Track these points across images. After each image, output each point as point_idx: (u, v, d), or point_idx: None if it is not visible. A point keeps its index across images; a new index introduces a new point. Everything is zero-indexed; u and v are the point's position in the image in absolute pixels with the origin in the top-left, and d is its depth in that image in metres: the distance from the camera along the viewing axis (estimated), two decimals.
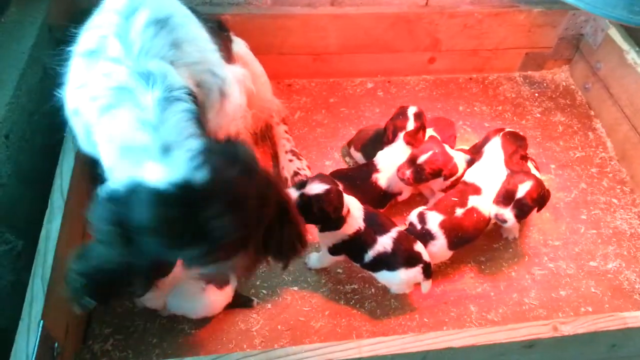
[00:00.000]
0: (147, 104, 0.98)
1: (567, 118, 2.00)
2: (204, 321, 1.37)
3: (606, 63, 1.95)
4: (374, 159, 1.61)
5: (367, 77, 2.06)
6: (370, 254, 1.37)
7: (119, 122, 0.99)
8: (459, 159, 1.58)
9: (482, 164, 1.59)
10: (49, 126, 1.43)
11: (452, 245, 1.45)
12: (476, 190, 1.50)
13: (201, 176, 0.86)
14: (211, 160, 0.89)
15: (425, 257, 1.39)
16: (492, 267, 1.55)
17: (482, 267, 1.55)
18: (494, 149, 1.58)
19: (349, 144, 1.76)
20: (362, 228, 1.37)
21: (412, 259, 1.38)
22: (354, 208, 1.39)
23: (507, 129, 1.63)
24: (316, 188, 1.32)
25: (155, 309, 1.36)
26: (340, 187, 1.50)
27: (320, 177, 1.37)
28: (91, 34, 1.13)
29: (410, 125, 1.61)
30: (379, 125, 1.73)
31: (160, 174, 0.87)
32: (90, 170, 1.37)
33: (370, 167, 1.59)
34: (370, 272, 1.43)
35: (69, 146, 1.37)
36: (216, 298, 1.34)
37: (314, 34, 1.91)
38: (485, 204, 1.48)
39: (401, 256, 1.36)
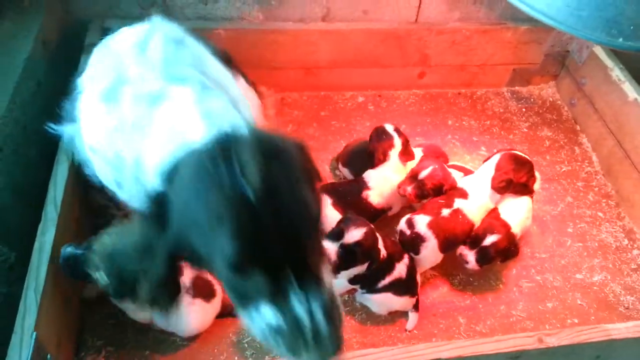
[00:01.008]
0: (187, 99, 0.99)
1: (554, 133, 2.04)
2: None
3: (591, 79, 2.00)
4: (364, 176, 1.63)
5: (358, 91, 2.09)
6: (386, 280, 1.39)
7: (164, 124, 0.98)
8: (455, 175, 1.62)
9: (475, 174, 1.63)
10: (42, 139, 1.44)
11: (442, 246, 1.47)
12: (463, 195, 1.54)
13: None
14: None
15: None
16: (481, 280, 1.58)
17: (471, 279, 1.58)
18: (490, 166, 1.60)
19: (337, 159, 1.79)
20: (385, 255, 1.39)
21: (414, 289, 1.43)
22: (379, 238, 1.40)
23: (514, 151, 1.61)
24: (355, 235, 1.32)
25: (144, 323, 1.37)
26: (330, 201, 1.53)
27: (353, 221, 1.36)
28: (100, 72, 1.14)
29: (397, 141, 1.64)
30: (365, 139, 1.75)
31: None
32: (84, 183, 1.39)
33: (360, 184, 1.60)
34: (363, 293, 1.45)
35: (63, 158, 1.38)
36: (205, 312, 1.35)
37: (305, 49, 1.94)
38: (470, 209, 1.51)
39: (411, 283, 1.42)
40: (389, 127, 1.67)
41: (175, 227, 0.86)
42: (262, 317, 0.83)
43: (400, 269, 1.41)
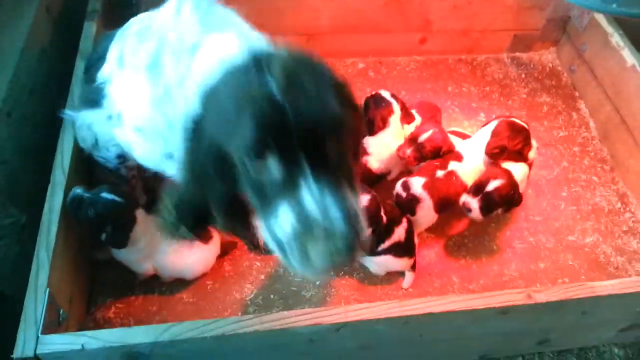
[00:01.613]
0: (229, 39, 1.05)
1: (552, 99, 2.06)
2: (201, 290, 1.45)
3: (592, 45, 2.00)
4: (363, 142, 1.65)
5: (358, 57, 2.11)
6: (387, 244, 1.43)
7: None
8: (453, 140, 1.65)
9: (472, 139, 1.66)
10: (47, 103, 1.48)
11: (437, 206, 1.51)
12: (458, 157, 1.58)
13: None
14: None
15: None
16: (475, 241, 1.63)
17: (465, 240, 1.63)
18: (486, 131, 1.62)
19: None
20: (385, 220, 1.42)
21: (412, 250, 1.49)
22: None
23: (512, 118, 1.63)
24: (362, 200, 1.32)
25: (149, 274, 1.42)
26: None
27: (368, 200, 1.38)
28: (139, 50, 1.17)
29: (396, 107, 1.67)
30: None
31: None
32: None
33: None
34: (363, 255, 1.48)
35: (69, 124, 1.42)
36: (205, 254, 1.42)
37: (306, 14, 1.94)
38: (464, 171, 1.55)
39: (409, 245, 1.47)
40: (386, 94, 1.69)
41: (209, 134, 0.90)
42: (280, 224, 0.85)
43: (399, 233, 1.45)
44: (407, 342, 1.28)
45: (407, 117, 1.70)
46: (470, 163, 1.57)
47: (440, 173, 1.54)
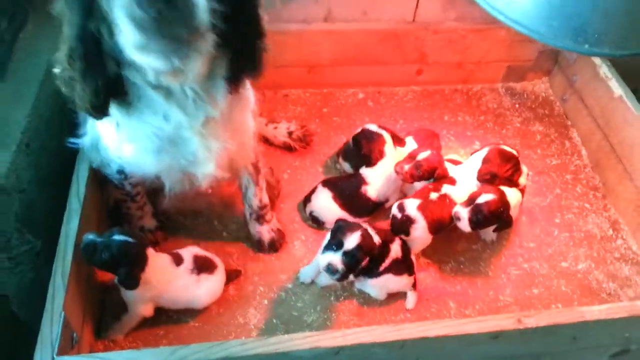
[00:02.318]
0: None
1: (545, 127, 2.13)
2: (207, 315, 1.51)
3: (582, 76, 2.09)
4: (361, 171, 1.74)
5: (358, 87, 2.20)
6: (386, 262, 1.49)
7: None
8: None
9: (464, 164, 1.74)
10: (64, 133, 1.56)
11: (431, 228, 1.57)
12: (451, 181, 1.66)
13: None
14: None
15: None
16: (471, 267, 1.68)
17: (462, 266, 1.69)
18: (478, 158, 1.71)
19: (337, 155, 1.90)
20: (380, 242, 1.47)
21: (411, 268, 1.55)
22: (370, 229, 1.47)
23: (502, 146, 1.71)
24: (354, 240, 1.39)
25: (146, 316, 1.45)
26: (331, 195, 1.65)
27: (347, 227, 1.43)
28: None
29: (387, 137, 1.76)
30: None
31: None
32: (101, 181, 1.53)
33: (359, 179, 1.72)
34: (364, 280, 1.54)
35: (84, 154, 1.50)
36: (213, 284, 1.48)
37: (308, 48, 2.04)
38: (457, 195, 1.62)
39: (407, 262, 1.53)
40: (373, 127, 1.78)
41: None
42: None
43: (395, 250, 1.51)
44: None
45: (398, 142, 1.79)
46: (463, 187, 1.65)
47: (434, 195, 1.61)
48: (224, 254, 1.65)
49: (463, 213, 1.55)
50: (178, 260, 1.46)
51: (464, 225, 1.55)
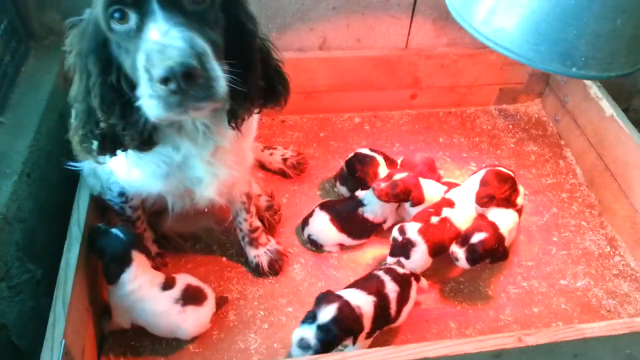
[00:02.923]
0: None
1: (539, 147, 2.17)
2: (207, 341, 1.51)
3: (573, 97, 2.13)
4: (358, 194, 1.76)
5: (354, 112, 2.24)
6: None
7: None
8: (435, 189, 1.75)
9: (462, 187, 1.76)
10: (63, 165, 1.59)
11: (432, 251, 1.58)
12: (450, 204, 1.67)
13: None
14: None
15: None
16: (470, 287, 1.69)
17: (461, 287, 1.69)
18: (475, 180, 1.72)
19: (335, 179, 1.92)
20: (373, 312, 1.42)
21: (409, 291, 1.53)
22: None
23: (498, 168, 1.74)
24: (329, 312, 1.34)
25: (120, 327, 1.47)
26: (329, 217, 1.66)
27: (325, 299, 1.39)
28: None
29: (380, 159, 1.79)
30: None
31: None
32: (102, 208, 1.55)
33: (356, 201, 1.74)
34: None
35: (84, 184, 1.52)
36: (198, 316, 1.47)
37: (304, 75, 2.09)
38: (457, 217, 1.64)
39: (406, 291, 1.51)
40: (366, 150, 1.82)
41: (92, 18, 1.05)
42: (137, 63, 0.96)
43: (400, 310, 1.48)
44: None
45: (390, 164, 1.81)
46: (462, 210, 1.66)
47: (434, 219, 1.63)
48: (223, 279, 1.66)
49: (460, 253, 1.58)
50: (168, 285, 1.46)
51: (463, 264, 1.59)
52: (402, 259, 1.59)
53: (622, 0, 1.02)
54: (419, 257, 1.58)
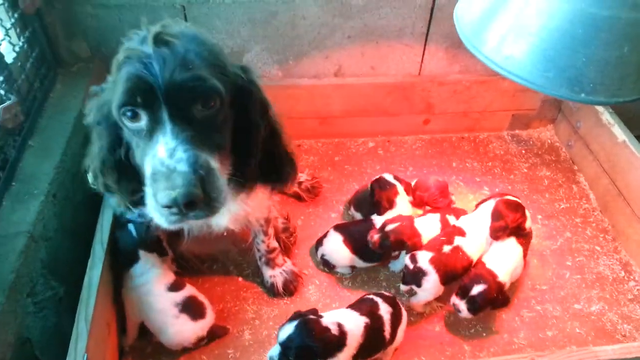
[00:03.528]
0: None
1: (552, 172, 2.18)
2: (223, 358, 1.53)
3: (585, 123, 2.16)
4: (373, 218, 1.78)
5: (368, 137, 2.28)
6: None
7: None
8: (432, 227, 1.75)
9: (473, 215, 1.78)
10: (87, 186, 1.64)
11: (443, 279, 1.59)
12: (461, 233, 1.69)
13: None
14: None
15: None
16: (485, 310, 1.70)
17: None
18: (486, 211, 1.74)
19: (349, 203, 1.96)
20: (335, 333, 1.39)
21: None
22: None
23: (507, 197, 1.76)
24: (287, 330, 1.35)
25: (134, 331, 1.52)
26: (341, 238, 1.69)
27: (293, 316, 1.40)
28: None
29: (400, 188, 1.82)
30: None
31: None
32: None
33: (369, 225, 1.76)
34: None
35: (108, 203, 1.57)
36: (186, 328, 1.49)
37: (320, 101, 2.15)
38: (468, 246, 1.65)
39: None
40: (389, 177, 1.85)
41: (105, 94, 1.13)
42: (145, 171, 1.03)
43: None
44: None
45: (412, 194, 1.84)
46: (474, 239, 1.68)
47: (446, 248, 1.64)
48: (239, 299, 1.69)
49: (461, 305, 1.57)
50: (174, 288, 1.52)
51: (465, 315, 1.58)
52: (414, 287, 1.60)
53: (629, 29, 1.07)
54: (431, 286, 1.60)
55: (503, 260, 1.64)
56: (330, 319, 1.41)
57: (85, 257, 1.46)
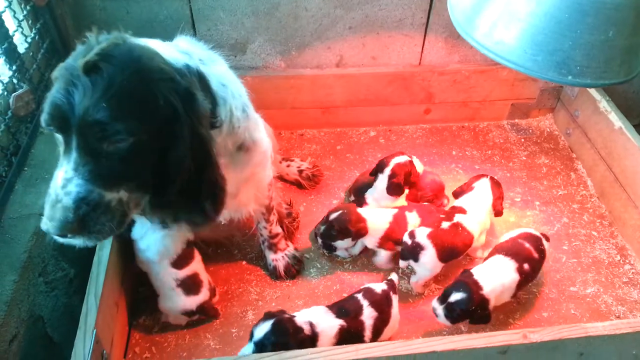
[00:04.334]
0: None
1: (551, 160, 2.22)
2: (227, 338, 1.59)
3: (583, 111, 2.19)
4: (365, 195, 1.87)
5: (370, 126, 2.33)
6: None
7: None
8: (382, 217, 1.77)
9: (472, 194, 1.82)
10: None
11: (441, 255, 1.64)
12: (462, 211, 1.74)
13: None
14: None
15: None
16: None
17: None
18: (483, 187, 1.81)
19: (349, 191, 2.02)
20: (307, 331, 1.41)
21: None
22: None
23: (490, 176, 1.85)
24: (263, 329, 1.37)
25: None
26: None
27: (267, 315, 1.42)
28: None
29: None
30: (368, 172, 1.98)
31: None
32: None
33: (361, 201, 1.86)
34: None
35: None
36: (178, 300, 1.56)
37: (322, 91, 2.20)
38: (469, 223, 1.70)
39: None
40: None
41: None
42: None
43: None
44: None
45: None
46: (474, 214, 1.73)
47: (445, 224, 1.69)
48: (243, 281, 1.74)
49: (439, 310, 1.53)
50: (177, 265, 1.56)
51: (443, 320, 1.53)
52: (412, 262, 1.65)
53: (613, 13, 1.11)
54: (428, 260, 1.64)
55: (493, 275, 1.57)
56: (302, 318, 1.42)
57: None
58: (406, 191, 1.90)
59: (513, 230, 1.78)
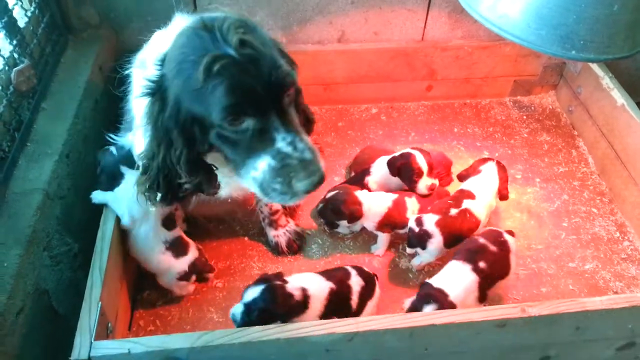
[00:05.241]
0: None
1: (552, 137, 2.22)
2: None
3: (586, 88, 2.18)
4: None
5: (371, 103, 2.32)
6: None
7: None
8: (380, 200, 1.76)
9: (479, 178, 1.81)
10: (99, 147, 1.71)
11: (447, 242, 1.64)
12: (470, 196, 1.73)
13: None
14: None
15: None
16: None
17: None
18: (491, 171, 1.81)
19: (350, 168, 2.03)
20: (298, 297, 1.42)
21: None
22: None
23: (496, 159, 1.84)
24: (253, 293, 1.38)
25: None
26: None
27: (261, 278, 1.44)
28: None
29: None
30: (371, 147, 2.01)
31: None
32: None
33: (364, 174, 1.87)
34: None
35: None
36: (171, 262, 1.58)
37: (323, 67, 2.18)
38: (477, 207, 1.69)
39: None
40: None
41: (173, 97, 1.10)
42: (259, 166, 1.09)
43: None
44: (415, 356, 1.41)
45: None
46: (481, 199, 1.73)
47: (454, 211, 1.67)
48: (245, 257, 1.76)
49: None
50: (167, 226, 1.59)
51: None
52: (419, 249, 1.67)
53: None
54: (434, 247, 1.65)
55: (452, 281, 1.52)
56: (295, 284, 1.43)
57: (97, 218, 1.53)
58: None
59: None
